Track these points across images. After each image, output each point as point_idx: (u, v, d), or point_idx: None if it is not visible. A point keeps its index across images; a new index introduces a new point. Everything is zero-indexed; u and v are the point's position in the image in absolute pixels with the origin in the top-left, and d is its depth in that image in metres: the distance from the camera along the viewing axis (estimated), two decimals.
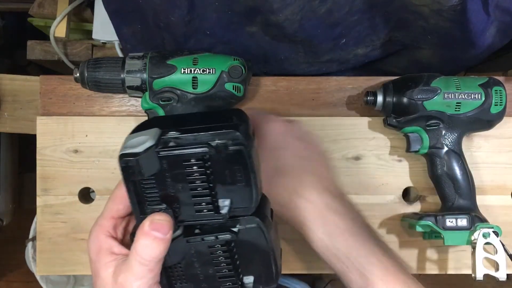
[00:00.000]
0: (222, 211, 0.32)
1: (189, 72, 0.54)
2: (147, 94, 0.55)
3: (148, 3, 0.54)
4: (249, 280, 0.34)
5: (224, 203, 0.31)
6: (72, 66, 0.74)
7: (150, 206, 0.31)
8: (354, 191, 0.61)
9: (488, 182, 0.61)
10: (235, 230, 0.32)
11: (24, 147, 1.20)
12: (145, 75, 0.54)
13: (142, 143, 0.29)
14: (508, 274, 0.53)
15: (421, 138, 0.56)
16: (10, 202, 1.18)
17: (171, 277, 0.34)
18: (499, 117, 0.55)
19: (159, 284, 0.33)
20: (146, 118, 0.57)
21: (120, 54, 0.71)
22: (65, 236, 0.61)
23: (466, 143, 0.59)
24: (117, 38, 0.63)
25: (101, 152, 0.61)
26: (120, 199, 0.34)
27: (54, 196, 0.61)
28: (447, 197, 0.55)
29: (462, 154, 0.56)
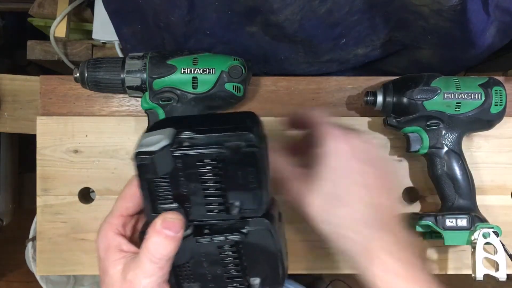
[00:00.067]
0: (232, 212, 0.32)
1: (189, 72, 0.54)
2: (147, 94, 0.55)
3: (148, 3, 0.54)
4: (255, 281, 0.35)
5: (235, 204, 0.32)
6: (72, 66, 0.74)
7: (162, 205, 0.32)
8: None
9: (488, 182, 0.61)
10: (244, 231, 0.32)
11: (24, 147, 1.20)
12: (145, 75, 0.54)
13: (157, 142, 0.29)
14: (508, 274, 0.53)
15: (421, 138, 0.56)
16: (10, 202, 1.18)
17: (179, 276, 0.34)
18: (499, 117, 0.55)
19: (168, 282, 0.33)
20: (146, 118, 0.57)
21: (120, 54, 0.71)
22: (65, 236, 0.61)
23: (466, 143, 0.59)
24: (117, 38, 0.63)
25: (101, 152, 0.61)
26: (129, 198, 0.35)
27: (54, 196, 0.61)
28: (447, 197, 0.55)
29: (462, 154, 0.56)
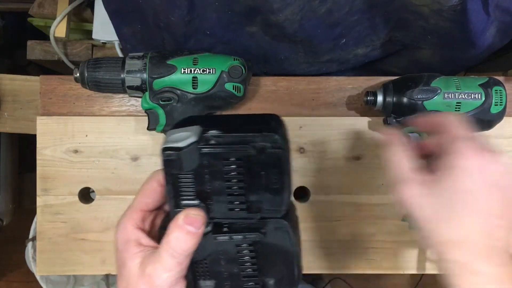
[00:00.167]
0: (253, 212, 0.32)
1: (189, 72, 0.54)
2: (147, 94, 0.55)
3: (148, 3, 0.54)
4: (270, 281, 0.35)
5: (256, 204, 0.32)
6: (72, 66, 0.74)
7: (184, 201, 0.32)
8: (354, 191, 0.61)
9: None
10: (263, 231, 0.33)
11: (24, 147, 1.20)
12: (145, 75, 0.54)
13: (184, 139, 0.30)
14: None
15: (421, 138, 0.56)
16: (10, 202, 1.18)
17: (196, 272, 0.35)
18: (499, 117, 0.55)
19: (184, 278, 0.33)
20: (146, 118, 0.57)
21: (120, 54, 0.71)
22: (65, 236, 0.61)
23: None
24: (117, 38, 0.63)
25: (101, 152, 0.61)
26: (150, 193, 0.35)
27: (54, 196, 0.61)
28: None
29: None
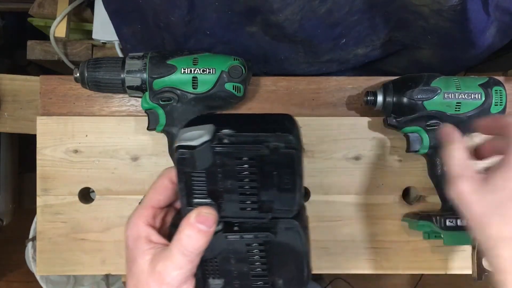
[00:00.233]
0: (265, 211, 0.32)
1: (189, 72, 0.54)
2: (147, 94, 0.55)
3: (148, 3, 0.54)
4: (280, 281, 0.35)
5: (267, 204, 0.32)
6: (72, 66, 0.74)
7: (196, 199, 0.32)
8: (354, 191, 0.61)
9: None
10: (274, 231, 0.33)
11: (24, 147, 1.20)
12: (145, 75, 0.54)
13: (198, 137, 0.30)
14: None
15: (421, 138, 0.56)
16: (10, 202, 1.18)
17: (206, 270, 0.35)
18: None
19: (194, 276, 0.33)
20: (146, 118, 0.57)
21: (120, 54, 0.71)
22: (65, 236, 0.61)
23: None
24: (117, 38, 0.63)
25: (101, 152, 0.61)
26: (161, 190, 0.35)
27: (54, 196, 0.61)
28: (447, 197, 0.55)
29: None
